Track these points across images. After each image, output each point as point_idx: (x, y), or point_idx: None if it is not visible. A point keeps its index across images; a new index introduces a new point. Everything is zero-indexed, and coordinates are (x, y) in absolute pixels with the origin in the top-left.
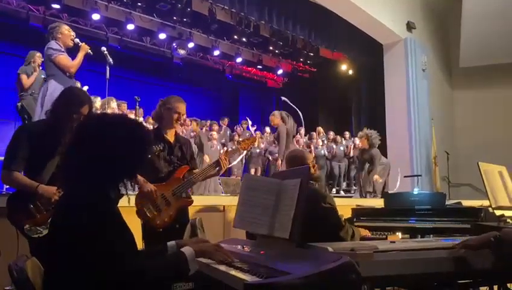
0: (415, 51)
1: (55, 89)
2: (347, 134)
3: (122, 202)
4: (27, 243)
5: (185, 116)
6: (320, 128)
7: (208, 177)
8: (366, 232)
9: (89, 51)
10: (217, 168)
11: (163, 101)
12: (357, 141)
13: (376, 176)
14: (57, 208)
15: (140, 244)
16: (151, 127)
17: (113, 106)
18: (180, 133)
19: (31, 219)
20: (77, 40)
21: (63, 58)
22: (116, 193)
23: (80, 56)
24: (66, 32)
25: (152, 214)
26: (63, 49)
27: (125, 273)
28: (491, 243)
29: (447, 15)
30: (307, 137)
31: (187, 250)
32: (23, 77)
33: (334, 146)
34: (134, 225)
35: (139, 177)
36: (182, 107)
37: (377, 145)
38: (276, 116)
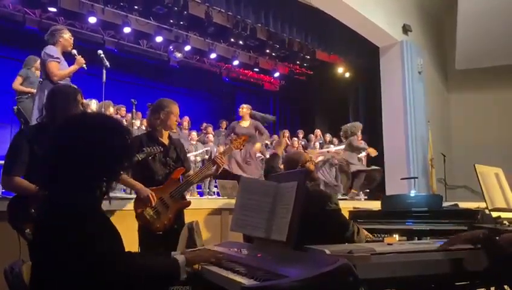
0: (411, 53)
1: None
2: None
3: (121, 206)
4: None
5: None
6: (318, 131)
7: (204, 177)
8: (368, 235)
9: (84, 66)
10: (214, 168)
11: (159, 106)
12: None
13: None
14: (40, 211)
15: (136, 248)
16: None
17: (111, 111)
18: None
19: (32, 222)
20: (75, 51)
21: (53, 65)
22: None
23: (71, 69)
24: (68, 38)
25: (152, 218)
26: (56, 55)
27: (116, 273)
28: (480, 239)
29: (442, 17)
30: (305, 140)
31: (180, 257)
32: (19, 79)
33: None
34: (131, 229)
35: (135, 182)
36: (177, 109)
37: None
38: (246, 109)
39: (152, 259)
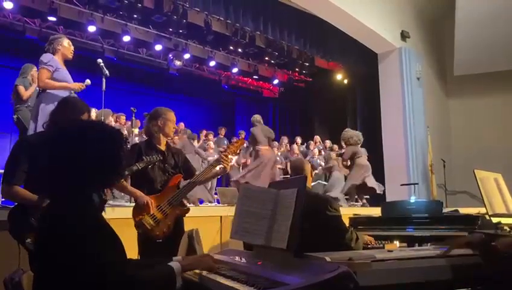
0: (410, 59)
1: (48, 101)
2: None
3: (120, 214)
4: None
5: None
6: (317, 137)
7: (211, 177)
8: (370, 239)
9: (78, 90)
10: (220, 167)
11: (156, 114)
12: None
13: None
14: (41, 219)
15: (135, 256)
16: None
17: (110, 120)
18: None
19: (32, 232)
20: (88, 81)
21: (42, 71)
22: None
23: (64, 85)
24: (67, 45)
25: (151, 226)
26: (50, 63)
27: (115, 282)
28: (476, 244)
29: (440, 23)
30: (304, 146)
31: (175, 264)
32: (21, 88)
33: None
34: (130, 237)
35: (134, 189)
36: (174, 116)
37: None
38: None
39: (149, 268)
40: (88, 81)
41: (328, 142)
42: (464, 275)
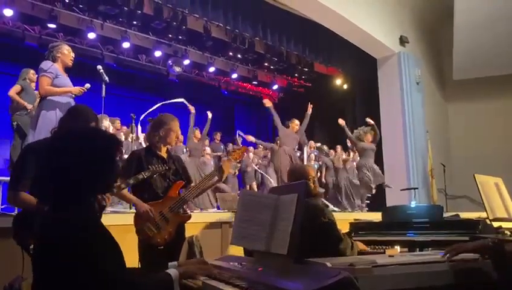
0: (409, 64)
1: (49, 107)
2: (339, 148)
3: (121, 220)
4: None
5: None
6: (311, 142)
7: (206, 188)
8: (364, 247)
9: (77, 92)
10: (216, 177)
11: (160, 122)
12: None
13: None
14: (42, 225)
15: (136, 263)
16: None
17: (106, 125)
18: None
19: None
20: (88, 85)
21: (42, 79)
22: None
23: (64, 89)
24: (67, 52)
25: (152, 233)
26: (50, 70)
27: (114, 288)
28: (489, 248)
29: (439, 28)
30: (299, 151)
31: (173, 272)
32: (17, 87)
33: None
34: (131, 243)
35: (134, 197)
36: (178, 126)
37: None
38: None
39: (146, 276)
40: (88, 85)
41: (324, 147)
42: (465, 280)
